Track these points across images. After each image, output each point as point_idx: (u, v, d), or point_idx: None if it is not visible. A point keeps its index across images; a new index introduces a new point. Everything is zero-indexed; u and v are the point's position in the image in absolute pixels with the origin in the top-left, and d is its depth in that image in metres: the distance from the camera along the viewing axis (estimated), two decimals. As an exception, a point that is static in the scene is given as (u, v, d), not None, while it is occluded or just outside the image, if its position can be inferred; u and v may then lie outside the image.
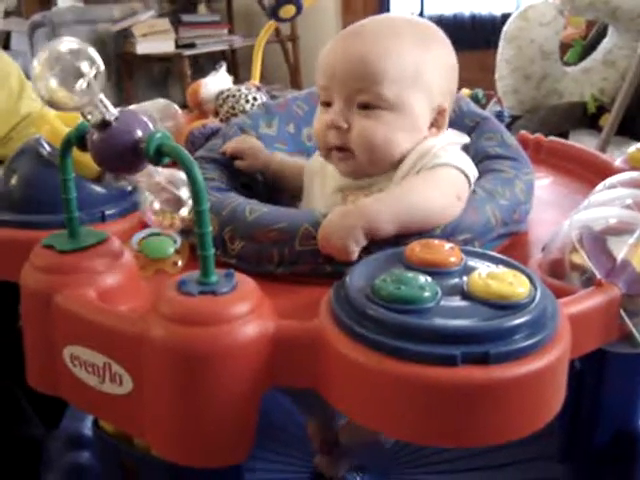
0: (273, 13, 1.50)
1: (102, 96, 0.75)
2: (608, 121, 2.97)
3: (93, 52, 0.75)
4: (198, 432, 0.74)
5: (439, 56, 1.02)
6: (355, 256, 0.85)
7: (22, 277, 0.86)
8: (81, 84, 0.73)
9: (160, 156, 0.74)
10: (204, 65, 4.67)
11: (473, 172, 0.99)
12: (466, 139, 1.06)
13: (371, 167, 1.00)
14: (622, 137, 2.96)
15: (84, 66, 0.74)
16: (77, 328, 0.80)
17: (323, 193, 1.07)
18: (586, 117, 3.28)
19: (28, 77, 1.76)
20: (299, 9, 1.50)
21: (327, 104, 1.02)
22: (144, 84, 4.73)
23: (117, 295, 0.83)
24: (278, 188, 1.17)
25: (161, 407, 0.75)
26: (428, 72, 0.99)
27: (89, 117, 0.77)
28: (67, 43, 0.74)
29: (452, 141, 1.02)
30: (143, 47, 4.44)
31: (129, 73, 4.62)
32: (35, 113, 1.66)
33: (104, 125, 0.75)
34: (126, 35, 4.48)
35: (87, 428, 1.26)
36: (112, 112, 0.76)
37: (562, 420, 1.20)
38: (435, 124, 1.02)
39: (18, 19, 4.65)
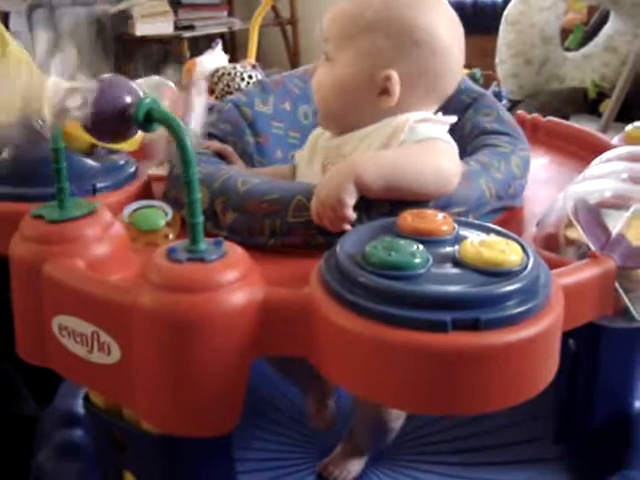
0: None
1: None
2: (608, 107, 2.97)
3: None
4: (186, 400, 0.74)
5: (396, 26, 1.00)
6: (350, 213, 0.84)
7: (11, 247, 0.86)
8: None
9: (149, 122, 0.73)
10: (203, 47, 4.66)
11: (455, 146, 0.98)
12: (451, 119, 1.03)
13: (323, 117, 1.06)
14: (622, 123, 2.95)
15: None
16: (65, 297, 0.80)
17: (311, 174, 1.07)
18: (587, 102, 3.27)
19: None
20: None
21: None
22: (142, 66, 4.71)
23: (106, 265, 0.83)
24: None
25: (149, 375, 0.74)
26: (375, 37, 0.99)
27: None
28: None
29: (428, 117, 1.00)
30: (142, 29, 4.41)
31: (128, 55, 4.60)
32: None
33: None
34: (125, 17, 4.46)
35: (80, 406, 1.25)
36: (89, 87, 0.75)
37: (558, 402, 1.21)
38: (385, 91, 0.99)
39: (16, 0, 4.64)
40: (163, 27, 4.46)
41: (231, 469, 0.91)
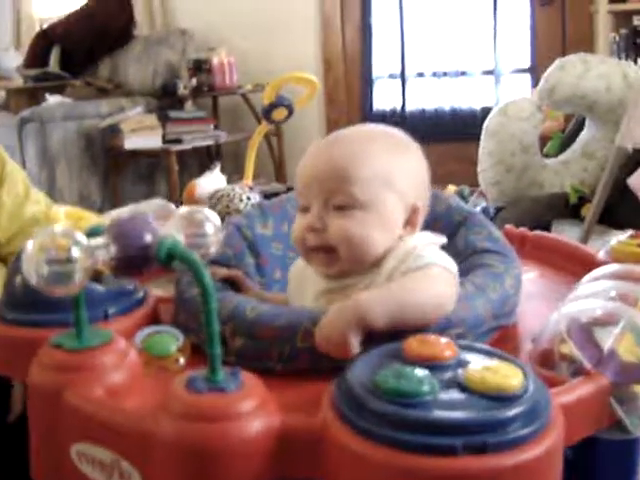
0: (266, 115, 1.55)
1: None
2: (589, 212, 3.05)
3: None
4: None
5: (410, 161, 1.08)
6: (354, 350, 0.87)
7: (30, 375, 0.89)
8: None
9: (170, 259, 0.78)
10: (189, 159, 4.76)
11: (455, 269, 1.02)
12: (443, 240, 1.08)
13: (353, 264, 1.03)
14: (603, 226, 3.03)
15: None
16: (86, 425, 0.83)
17: (304, 299, 1.10)
18: (568, 207, 3.34)
19: None
20: (290, 112, 1.55)
21: (305, 209, 1.06)
22: (131, 179, 4.78)
23: (123, 392, 0.86)
24: None
25: (171, 502, 0.77)
26: (399, 175, 1.05)
27: None
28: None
29: (431, 241, 1.05)
30: (131, 142, 4.49)
31: (116, 168, 4.68)
32: (40, 214, 1.72)
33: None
34: (114, 130, 4.54)
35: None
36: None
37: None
38: (410, 222, 1.07)
39: (6, 114, 4.73)
40: (152, 141, 4.53)
41: None
